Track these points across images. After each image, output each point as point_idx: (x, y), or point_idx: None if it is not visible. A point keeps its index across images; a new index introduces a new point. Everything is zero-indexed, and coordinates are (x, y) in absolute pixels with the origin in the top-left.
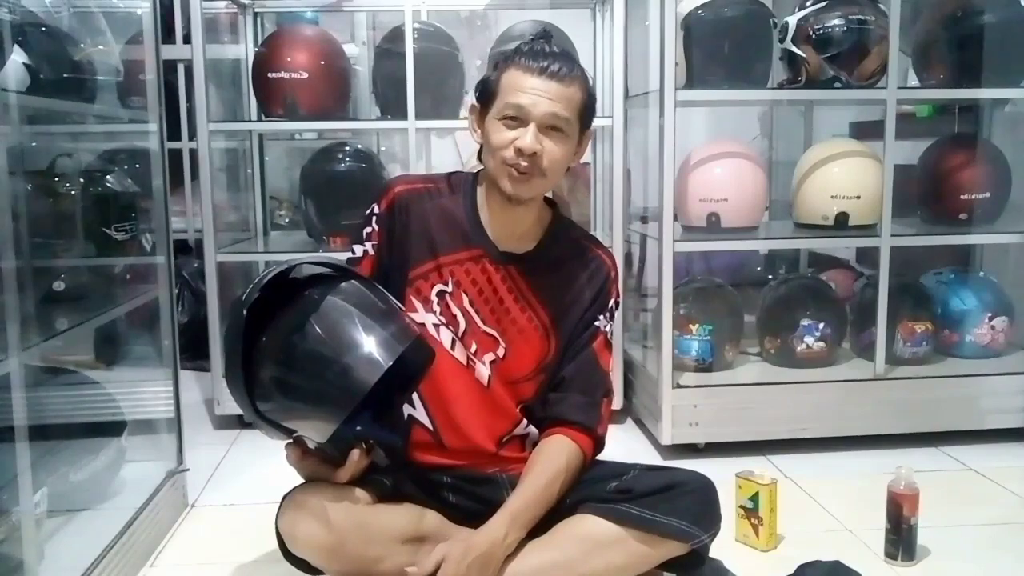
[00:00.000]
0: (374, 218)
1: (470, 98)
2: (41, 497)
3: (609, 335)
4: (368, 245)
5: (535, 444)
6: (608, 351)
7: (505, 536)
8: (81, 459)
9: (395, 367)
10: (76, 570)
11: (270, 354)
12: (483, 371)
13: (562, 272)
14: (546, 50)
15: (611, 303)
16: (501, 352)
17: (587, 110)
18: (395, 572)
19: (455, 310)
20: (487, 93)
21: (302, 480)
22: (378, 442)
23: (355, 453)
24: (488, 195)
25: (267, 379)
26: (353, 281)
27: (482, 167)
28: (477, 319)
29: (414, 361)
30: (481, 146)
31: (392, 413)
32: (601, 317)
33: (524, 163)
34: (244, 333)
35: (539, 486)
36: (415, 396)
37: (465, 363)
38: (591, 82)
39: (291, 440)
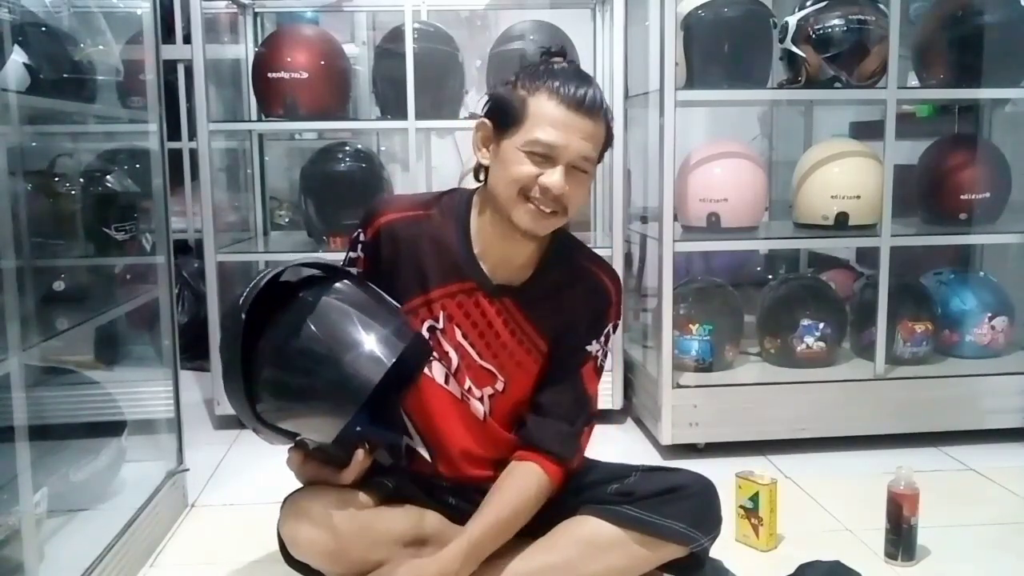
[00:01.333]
0: (359, 245)
1: (470, 98)
2: (41, 497)
3: (600, 360)
4: (353, 271)
5: None
6: (596, 376)
7: (459, 569)
8: (81, 459)
9: (393, 365)
10: (76, 570)
11: (269, 358)
12: (478, 407)
13: (560, 299)
14: (577, 75)
15: (608, 328)
16: (500, 386)
17: (606, 145)
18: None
19: (447, 347)
20: (509, 116)
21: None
22: (380, 441)
23: (359, 453)
24: (489, 223)
25: (267, 383)
26: (347, 281)
27: (478, 186)
28: (472, 353)
29: (411, 358)
30: (480, 166)
31: (391, 411)
32: (594, 342)
33: (548, 202)
34: (242, 338)
35: (502, 517)
36: (411, 427)
37: (460, 397)
38: (610, 112)
39: (294, 444)
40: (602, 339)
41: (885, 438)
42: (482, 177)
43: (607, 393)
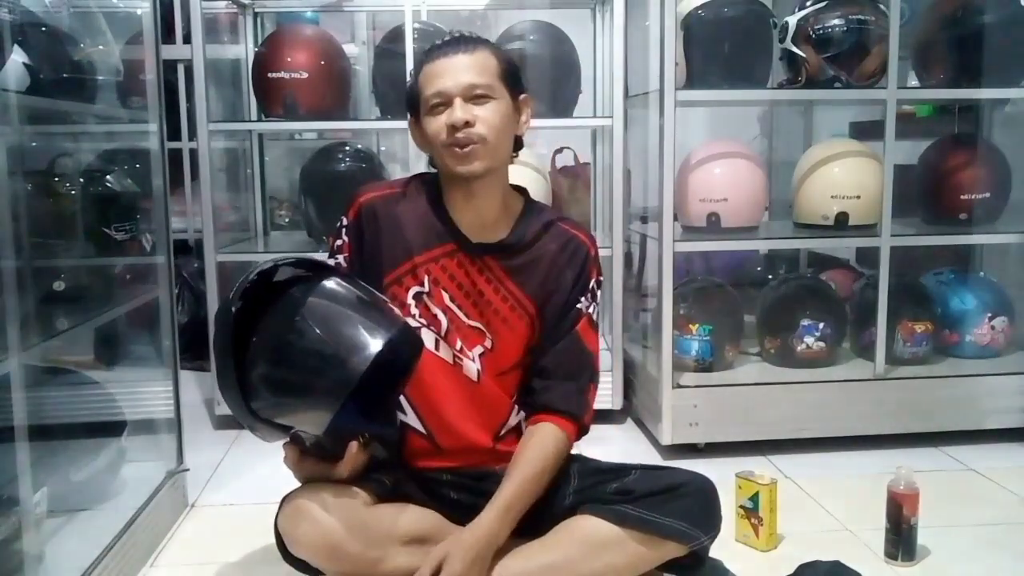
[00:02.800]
0: (343, 230)
1: None
2: (41, 497)
3: (593, 315)
4: (340, 258)
5: None
6: (594, 332)
7: (499, 531)
8: (81, 459)
9: (385, 360)
10: (76, 570)
11: (261, 353)
12: (471, 367)
13: (539, 256)
14: (446, 39)
15: (592, 283)
16: (489, 344)
17: (508, 72)
18: (395, 573)
19: (435, 310)
20: (412, 101)
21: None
22: (373, 434)
23: (353, 446)
24: (451, 190)
25: (261, 378)
26: (336, 276)
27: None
28: (460, 314)
29: (403, 354)
30: (430, 156)
31: (384, 406)
32: (583, 299)
33: (461, 135)
34: (232, 335)
35: (528, 477)
36: (405, 402)
37: (452, 362)
38: (500, 48)
39: (288, 439)
40: (589, 295)
41: (885, 438)
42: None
43: (607, 393)
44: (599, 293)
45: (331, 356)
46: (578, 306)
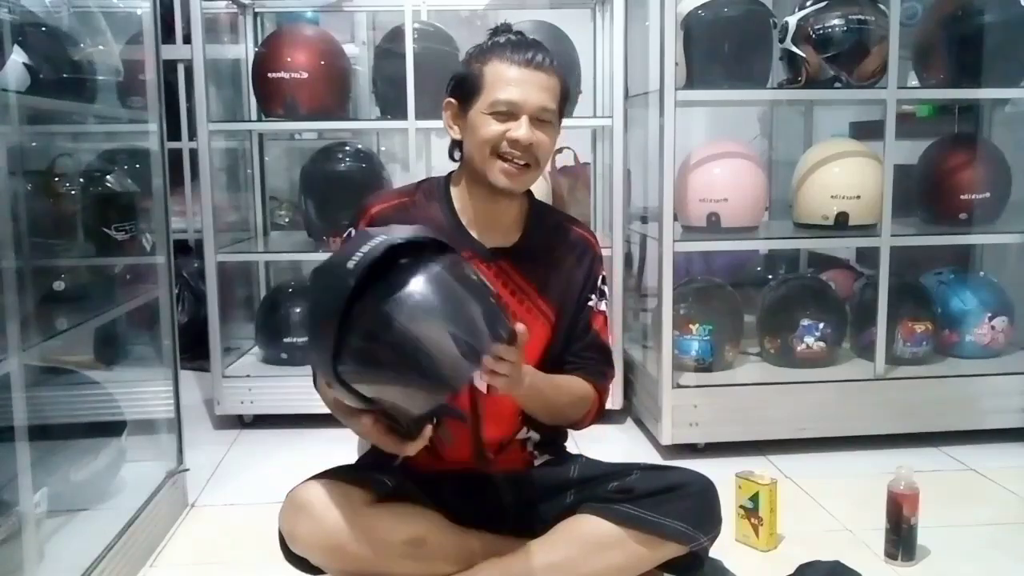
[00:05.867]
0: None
1: None
2: (41, 497)
3: (605, 311)
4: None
5: (537, 447)
6: (607, 328)
7: (522, 376)
8: (81, 459)
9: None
10: (76, 570)
11: (370, 328)
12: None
13: (551, 257)
14: (523, 41)
15: (598, 280)
16: None
17: (564, 99)
18: (395, 572)
19: None
20: (468, 88)
21: (319, 471)
22: (449, 417)
23: (428, 428)
24: (470, 192)
25: (359, 351)
26: (454, 260)
27: (452, 170)
28: None
29: None
30: (455, 142)
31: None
32: (594, 296)
33: (520, 153)
34: (345, 303)
35: (556, 379)
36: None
37: None
38: (564, 71)
39: (365, 409)
40: (599, 292)
41: (885, 438)
42: (457, 156)
43: None
44: (606, 290)
45: (448, 359)
46: (590, 304)
